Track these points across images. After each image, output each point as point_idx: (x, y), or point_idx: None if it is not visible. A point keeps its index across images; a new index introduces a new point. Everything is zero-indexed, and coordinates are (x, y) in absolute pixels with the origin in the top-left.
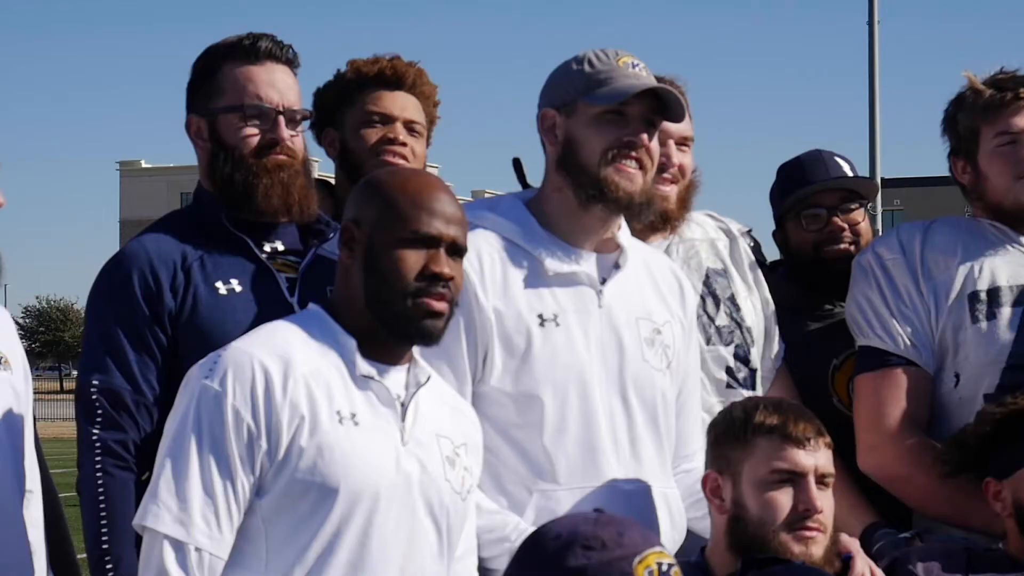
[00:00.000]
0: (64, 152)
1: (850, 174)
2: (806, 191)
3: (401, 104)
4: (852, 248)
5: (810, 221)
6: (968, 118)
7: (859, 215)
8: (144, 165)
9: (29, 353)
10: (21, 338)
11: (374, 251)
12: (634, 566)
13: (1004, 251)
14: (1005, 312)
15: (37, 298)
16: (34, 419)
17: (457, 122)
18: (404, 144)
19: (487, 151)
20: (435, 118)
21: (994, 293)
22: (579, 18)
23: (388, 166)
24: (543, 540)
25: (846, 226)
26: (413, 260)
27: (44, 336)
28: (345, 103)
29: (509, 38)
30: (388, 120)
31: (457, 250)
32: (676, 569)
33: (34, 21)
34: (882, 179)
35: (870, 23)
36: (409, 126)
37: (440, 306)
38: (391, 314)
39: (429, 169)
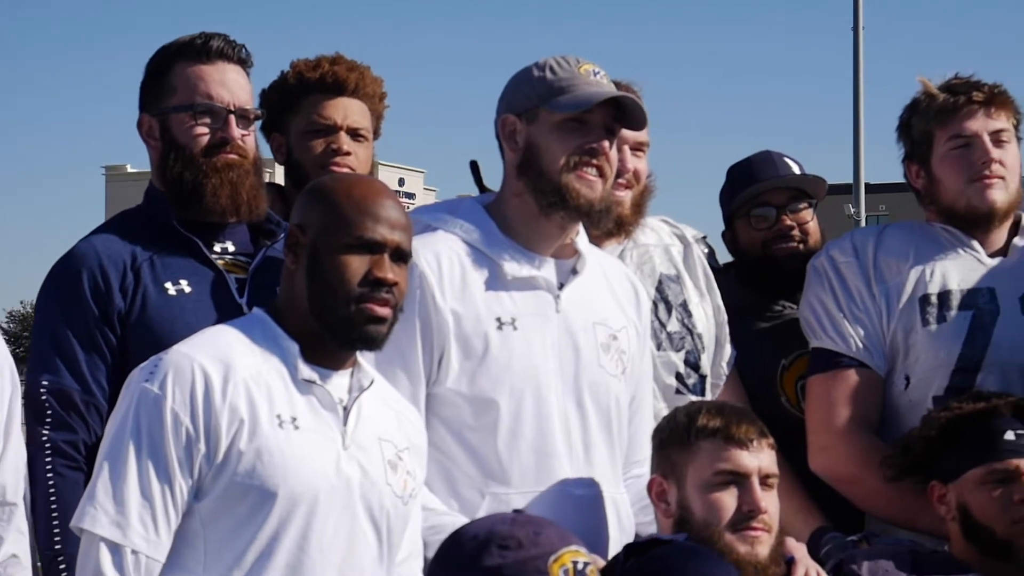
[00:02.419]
0: (50, 156)
1: (799, 173)
2: (755, 189)
3: (344, 111)
4: (801, 247)
5: (759, 220)
6: (922, 122)
7: (808, 214)
8: (130, 170)
9: (14, 359)
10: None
11: (318, 256)
12: (549, 565)
13: (956, 255)
14: (955, 315)
15: (21, 303)
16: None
17: (444, 125)
18: (348, 153)
19: (475, 155)
20: (382, 114)
21: (945, 297)
22: (551, 19)
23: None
24: (461, 540)
25: (795, 225)
26: (357, 265)
27: (29, 341)
28: (289, 109)
29: (498, 40)
30: (331, 130)
31: (401, 256)
32: (592, 568)
33: (19, 26)
34: (867, 184)
35: (855, 29)
36: (353, 133)
37: (383, 311)
38: (334, 319)
39: (415, 175)
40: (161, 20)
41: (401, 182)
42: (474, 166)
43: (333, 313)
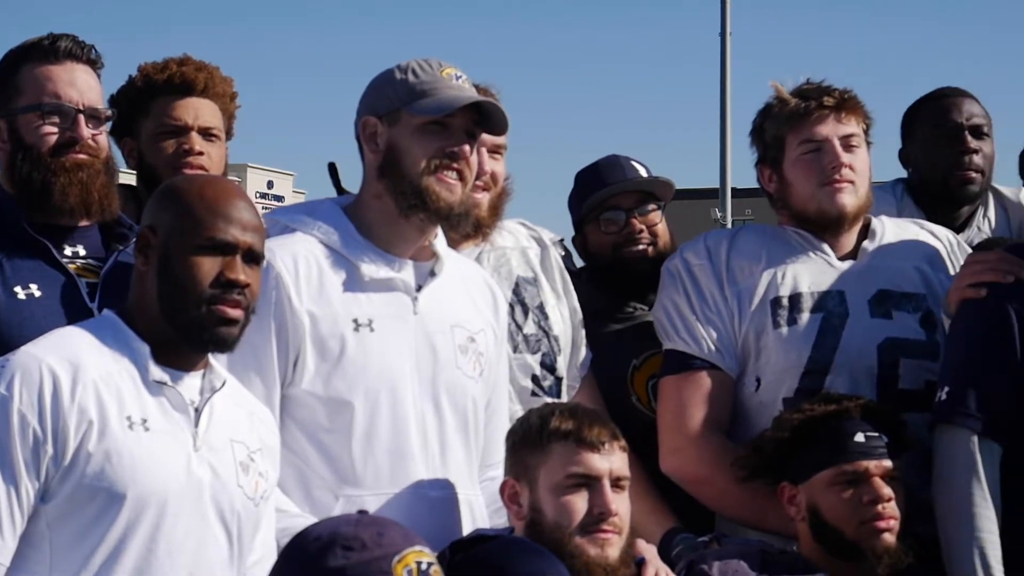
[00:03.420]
0: None
1: (646, 176)
2: (603, 193)
3: (194, 112)
4: (650, 249)
5: (608, 223)
6: (774, 127)
7: (656, 216)
8: None
9: None
10: None
11: (169, 257)
12: (393, 565)
13: (807, 258)
14: (805, 318)
15: None
16: None
17: (314, 128)
18: (201, 153)
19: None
20: (233, 114)
21: (795, 299)
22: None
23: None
24: (305, 541)
25: (644, 227)
26: (208, 267)
27: None
28: (139, 112)
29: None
30: (182, 131)
31: (254, 257)
32: (436, 568)
33: None
34: (733, 189)
35: (722, 35)
36: (205, 133)
37: (235, 313)
38: (185, 321)
39: (284, 177)
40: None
41: (270, 185)
42: (332, 168)
43: (184, 315)
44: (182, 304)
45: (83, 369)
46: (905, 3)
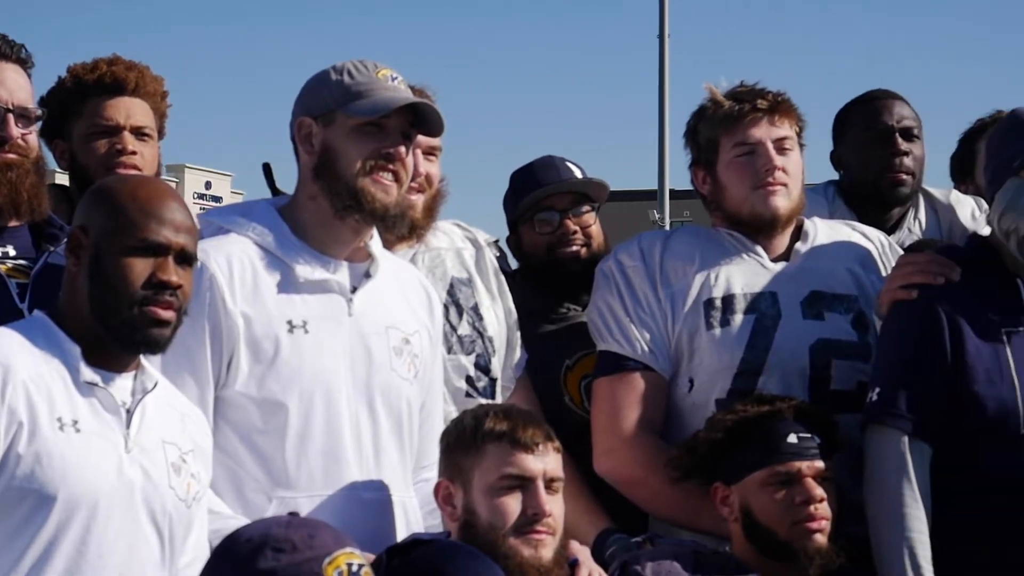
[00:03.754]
0: None
1: (581, 177)
2: (538, 194)
3: (126, 111)
4: (584, 250)
5: (542, 224)
6: (708, 129)
7: (590, 218)
8: None
9: None
10: None
11: (101, 258)
12: (324, 567)
13: (740, 260)
14: (738, 319)
15: None
16: None
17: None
18: (134, 153)
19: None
20: (165, 113)
21: (728, 301)
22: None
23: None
24: (235, 543)
25: (578, 228)
26: (140, 268)
27: None
28: (70, 113)
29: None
30: (114, 131)
31: (186, 258)
32: (366, 569)
33: None
34: (671, 191)
35: (660, 37)
36: (137, 132)
37: (167, 315)
38: (117, 322)
39: (222, 178)
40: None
41: (208, 185)
42: (267, 168)
43: (115, 316)
44: (113, 305)
45: (13, 370)
46: (841, 6)
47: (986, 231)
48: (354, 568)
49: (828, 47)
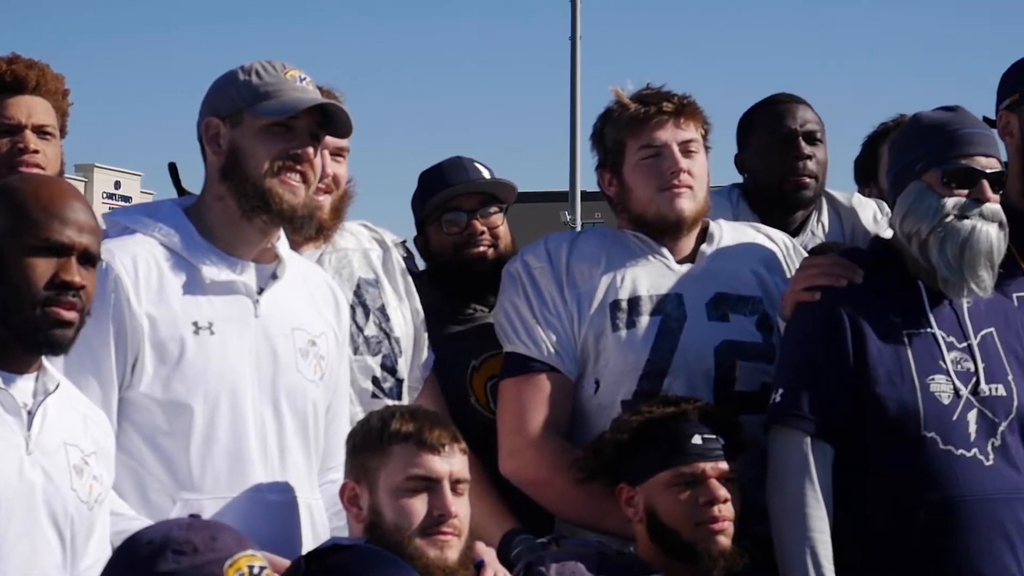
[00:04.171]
0: None
1: (489, 178)
2: (446, 194)
3: (27, 109)
4: (490, 251)
5: (450, 225)
6: (614, 131)
7: (498, 219)
8: None
9: None
10: None
11: (3, 258)
12: (225, 569)
13: (646, 262)
14: (644, 321)
15: None
16: None
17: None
18: (36, 151)
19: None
20: (67, 111)
21: (634, 302)
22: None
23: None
24: (136, 545)
25: (485, 229)
26: (43, 268)
27: None
28: None
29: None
30: (16, 129)
31: (89, 259)
32: (268, 571)
33: None
34: (583, 192)
35: (572, 39)
36: (39, 131)
37: (70, 315)
38: (19, 323)
39: (131, 178)
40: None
41: (117, 185)
42: (172, 168)
43: (17, 316)
44: (15, 306)
45: None
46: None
47: (888, 234)
48: (255, 570)
49: (735, 51)
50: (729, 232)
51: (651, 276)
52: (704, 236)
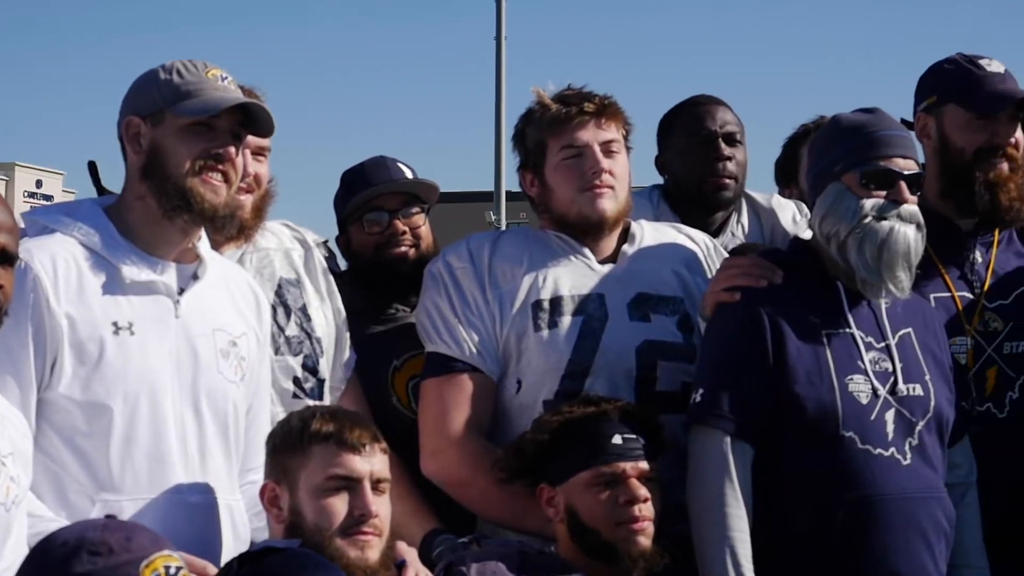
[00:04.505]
0: None
1: (411, 178)
2: (368, 194)
3: None
4: (412, 251)
5: (371, 224)
6: (536, 132)
7: (420, 219)
8: None
9: None
10: None
11: None
12: (140, 570)
13: (568, 262)
14: (566, 321)
15: None
16: None
17: (85, 126)
18: None
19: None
20: None
21: (556, 302)
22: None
23: None
24: (51, 546)
25: (407, 229)
26: None
27: None
28: None
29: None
30: None
31: (6, 258)
32: (184, 572)
33: None
34: (508, 192)
35: (497, 39)
36: None
37: None
38: None
39: (53, 176)
40: None
41: (39, 184)
42: (92, 167)
43: None
44: None
45: None
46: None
47: (808, 235)
48: (172, 571)
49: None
50: (650, 232)
51: (573, 276)
52: (626, 236)
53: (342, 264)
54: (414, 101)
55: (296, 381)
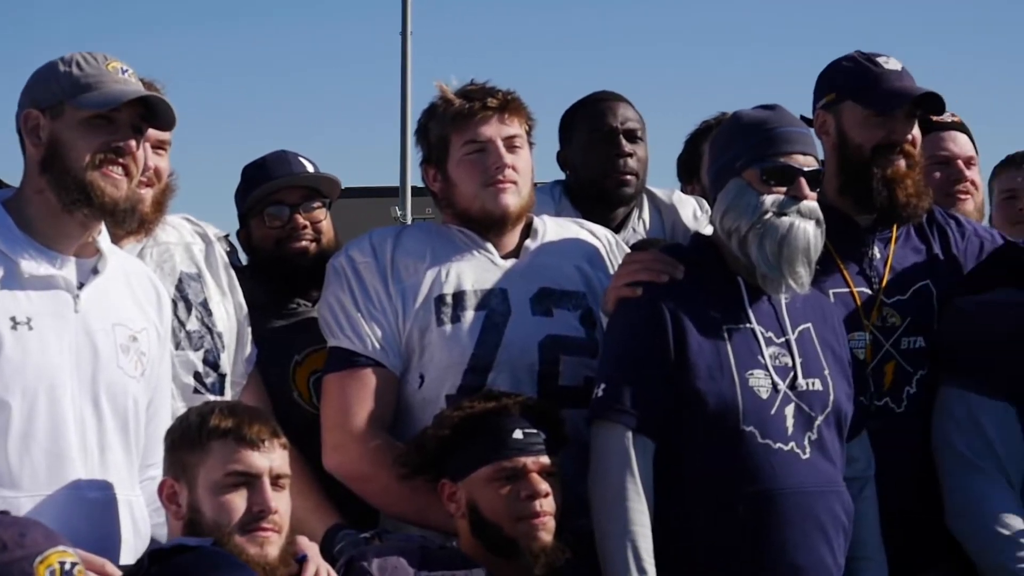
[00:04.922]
0: None
1: (312, 172)
2: (268, 187)
3: None
4: (313, 245)
5: (272, 218)
6: (439, 127)
7: (321, 213)
8: None
9: None
10: None
11: None
12: (35, 566)
13: (471, 256)
14: (469, 316)
15: None
16: None
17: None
18: None
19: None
20: None
21: (459, 297)
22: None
23: None
24: None
25: (307, 223)
26: None
27: None
28: None
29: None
30: None
31: None
32: (80, 568)
33: None
34: (413, 187)
35: (403, 34)
36: None
37: None
38: None
39: None
40: None
41: None
42: None
43: None
44: None
45: None
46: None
47: (709, 231)
48: (67, 567)
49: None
50: (553, 228)
51: (476, 271)
52: (528, 232)
53: (243, 258)
54: (320, 96)
55: (197, 376)
